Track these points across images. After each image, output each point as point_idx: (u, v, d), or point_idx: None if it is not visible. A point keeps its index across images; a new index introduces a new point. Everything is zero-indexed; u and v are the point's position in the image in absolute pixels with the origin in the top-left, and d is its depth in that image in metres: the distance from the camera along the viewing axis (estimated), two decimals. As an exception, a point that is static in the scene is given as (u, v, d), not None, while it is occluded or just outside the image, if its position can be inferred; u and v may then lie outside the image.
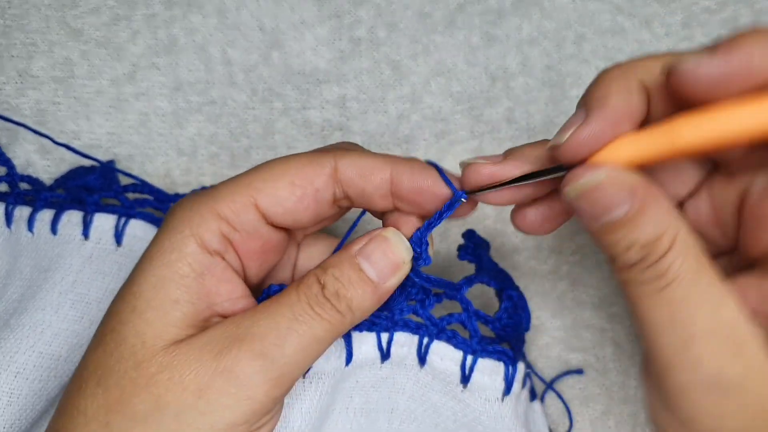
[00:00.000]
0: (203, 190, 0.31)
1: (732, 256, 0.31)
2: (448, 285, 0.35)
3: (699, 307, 0.26)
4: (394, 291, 0.32)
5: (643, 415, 0.42)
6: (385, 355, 0.35)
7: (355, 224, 0.35)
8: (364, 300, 0.30)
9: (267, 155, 0.44)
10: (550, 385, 0.42)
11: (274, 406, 0.29)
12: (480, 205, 0.33)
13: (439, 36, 0.45)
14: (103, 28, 0.44)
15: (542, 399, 0.42)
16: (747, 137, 0.24)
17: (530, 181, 0.29)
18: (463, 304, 0.36)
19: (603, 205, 0.27)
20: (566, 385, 0.43)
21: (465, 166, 0.31)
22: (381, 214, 0.34)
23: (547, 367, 0.43)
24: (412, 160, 0.31)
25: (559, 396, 0.42)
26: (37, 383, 0.35)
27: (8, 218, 0.39)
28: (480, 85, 0.45)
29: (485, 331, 0.38)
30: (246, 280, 0.32)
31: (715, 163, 0.31)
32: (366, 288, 0.30)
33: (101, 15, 0.44)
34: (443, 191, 0.31)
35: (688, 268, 0.26)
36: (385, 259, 0.31)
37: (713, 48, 0.24)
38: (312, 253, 0.35)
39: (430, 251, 0.32)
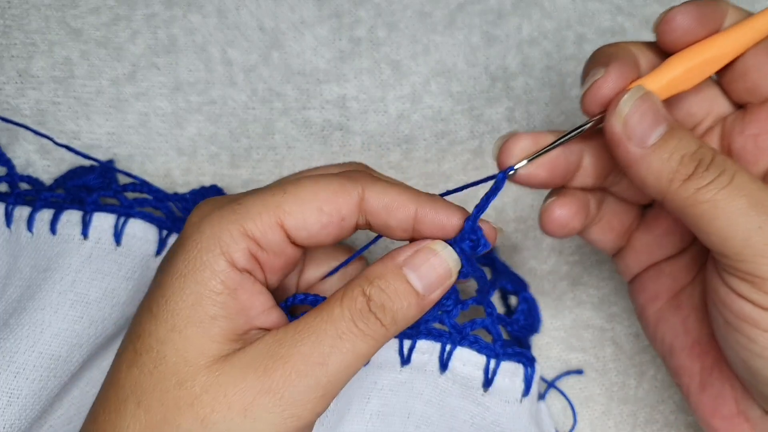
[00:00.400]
0: (225, 200, 0.31)
1: None
2: (483, 278, 0.34)
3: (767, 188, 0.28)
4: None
5: (642, 415, 0.42)
6: (405, 360, 0.35)
7: (370, 244, 0.35)
8: (409, 312, 0.30)
9: (267, 155, 0.44)
10: (552, 384, 0.42)
11: (316, 420, 0.30)
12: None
13: (439, 36, 0.45)
14: (103, 28, 0.44)
15: (542, 398, 0.42)
16: (732, 55, 0.31)
17: (573, 134, 0.31)
18: (488, 309, 0.36)
19: (653, 115, 0.29)
20: (566, 385, 0.43)
21: (504, 139, 0.32)
22: None
23: (547, 367, 0.43)
24: (437, 201, 0.31)
25: (564, 395, 0.42)
26: (36, 383, 0.35)
27: (8, 218, 0.39)
28: (480, 85, 0.45)
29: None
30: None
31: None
32: (411, 300, 0.30)
33: (101, 15, 0.44)
34: (456, 226, 0.31)
35: (736, 163, 0.29)
36: (433, 273, 0.30)
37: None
38: (319, 262, 0.36)
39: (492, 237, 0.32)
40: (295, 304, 0.32)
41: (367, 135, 0.45)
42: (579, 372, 0.43)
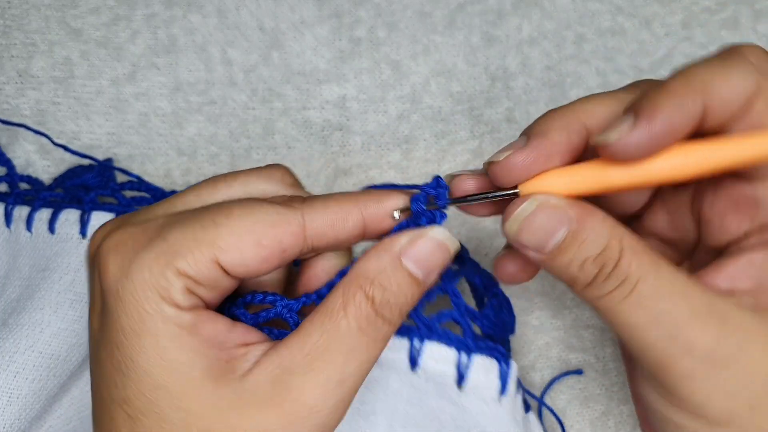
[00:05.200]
0: (142, 233, 0.28)
1: (692, 260, 0.33)
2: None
3: (672, 296, 0.27)
4: None
5: (643, 416, 0.42)
6: None
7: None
8: (414, 301, 0.29)
9: (267, 155, 0.44)
10: (541, 401, 0.41)
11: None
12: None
13: (439, 36, 0.45)
14: (103, 28, 0.44)
15: (540, 408, 0.42)
16: (670, 181, 0.28)
17: (487, 199, 0.30)
18: (454, 298, 0.34)
19: (544, 231, 0.28)
20: (566, 385, 0.43)
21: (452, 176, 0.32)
22: None
23: (547, 367, 0.43)
24: (376, 194, 0.30)
25: (550, 409, 0.42)
26: (36, 383, 0.35)
27: (8, 218, 0.39)
28: (480, 85, 0.45)
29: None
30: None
31: None
32: (415, 290, 0.29)
33: (101, 15, 0.44)
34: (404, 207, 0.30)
35: (646, 265, 0.27)
36: (434, 260, 0.29)
37: (633, 114, 0.26)
38: None
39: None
40: (249, 303, 0.31)
41: (367, 135, 0.45)
42: (579, 372, 0.43)
